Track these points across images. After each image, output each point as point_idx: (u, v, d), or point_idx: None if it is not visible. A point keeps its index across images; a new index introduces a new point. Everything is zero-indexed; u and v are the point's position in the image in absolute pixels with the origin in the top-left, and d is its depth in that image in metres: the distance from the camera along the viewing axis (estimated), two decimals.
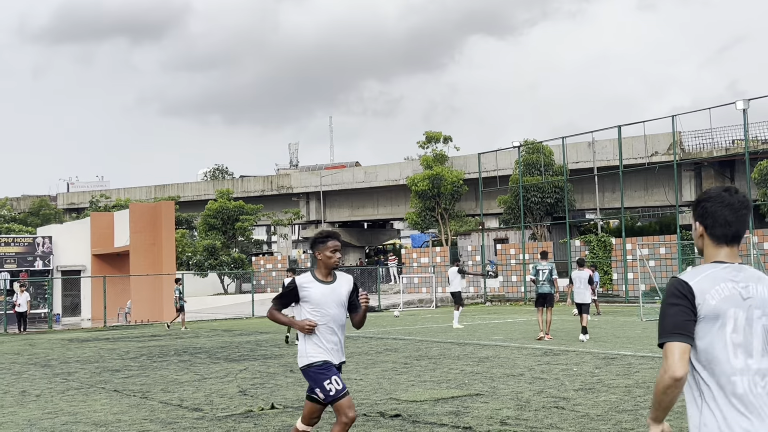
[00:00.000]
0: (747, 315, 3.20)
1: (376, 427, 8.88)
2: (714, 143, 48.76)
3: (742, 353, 3.17)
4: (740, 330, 3.18)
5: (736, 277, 3.26)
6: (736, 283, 3.24)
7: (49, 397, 12.33)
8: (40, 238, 39.99)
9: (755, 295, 3.24)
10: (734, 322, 3.18)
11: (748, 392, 3.13)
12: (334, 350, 6.53)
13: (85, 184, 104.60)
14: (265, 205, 69.46)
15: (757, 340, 3.20)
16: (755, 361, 3.18)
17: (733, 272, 3.27)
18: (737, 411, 3.10)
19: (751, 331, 3.20)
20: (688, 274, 3.26)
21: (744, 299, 3.22)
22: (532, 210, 49.65)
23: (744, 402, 3.12)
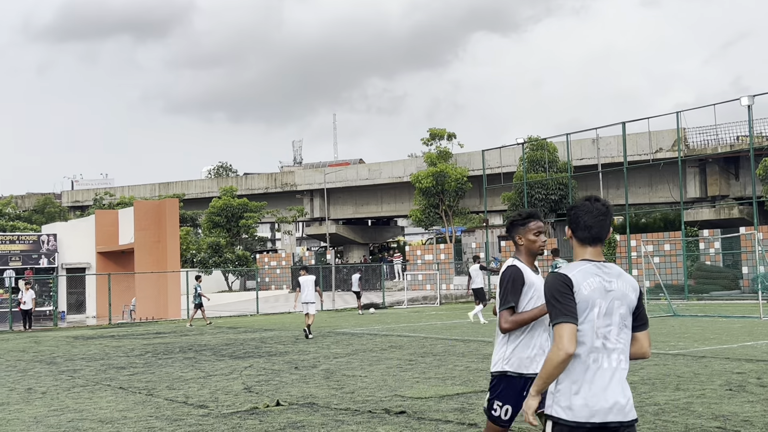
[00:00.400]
0: (608, 305, 3.94)
1: (381, 423, 8.88)
2: (719, 139, 48.64)
3: (603, 334, 3.92)
4: (602, 317, 3.92)
5: (602, 273, 3.96)
6: (602, 278, 3.94)
7: (55, 394, 12.35)
8: (44, 236, 40.04)
9: (616, 289, 3.96)
10: (599, 310, 3.91)
11: (603, 365, 3.90)
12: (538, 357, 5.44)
13: (89, 182, 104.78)
14: (269, 202, 69.50)
15: (615, 325, 3.94)
16: (611, 342, 3.93)
17: (600, 269, 3.98)
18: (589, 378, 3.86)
19: (611, 319, 3.93)
20: (565, 269, 3.94)
21: (607, 291, 3.94)
22: (536, 207, 49.62)
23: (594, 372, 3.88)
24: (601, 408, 3.87)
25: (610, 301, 3.94)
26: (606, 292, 3.94)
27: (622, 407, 3.92)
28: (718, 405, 9.33)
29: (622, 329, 3.99)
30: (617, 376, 3.95)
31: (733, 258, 38.29)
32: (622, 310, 3.97)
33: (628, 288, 4.02)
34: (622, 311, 3.97)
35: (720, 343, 16.41)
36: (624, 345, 4.01)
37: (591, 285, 3.92)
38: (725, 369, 12.34)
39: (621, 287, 3.99)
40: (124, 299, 37.14)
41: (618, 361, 3.96)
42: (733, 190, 50.77)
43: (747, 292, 35.46)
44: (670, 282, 36.73)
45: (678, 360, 13.70)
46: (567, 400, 3.88)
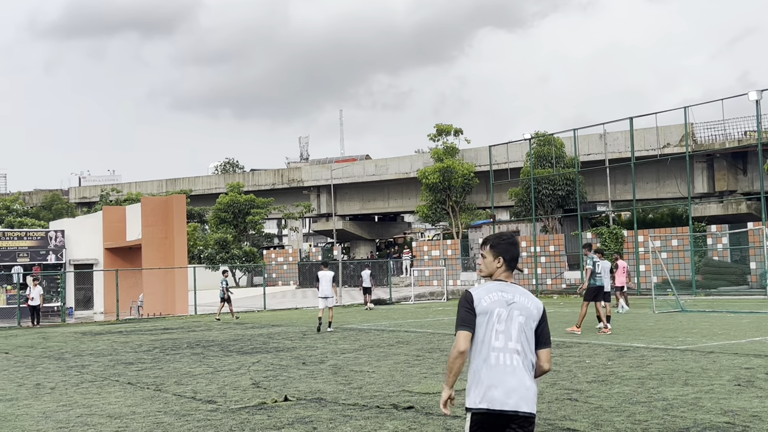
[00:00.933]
0: (509, 313, 4.75)
1: (389, 419, 8.89)
2: (726, 135, 48.51)
3: (503, 337, 4.71)
4: (502, 321, 4.74)
5: (504, 289, 4.84)
6: (503, 293, 4.82)
7: (64, 389, 12.39)
8: (52, 232, 40.15)
9: (517, 302, 4.81)
10: (498, 316, 4.75)
11: (501, 363, 4.66)
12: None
13: (96, 178, 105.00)
14: (276, 198, 69.58)
15: (515, 330, 4.72)
16: (512, 343, 4.71)
17: (502, 286, 4.87)
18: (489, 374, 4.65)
19: (511, 324, 4.74)
20: (473, 288, 4.88)
21: (508, 303, 4.78)
22: (543, 202, 49.55)
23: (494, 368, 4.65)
24: (498, 398, 4.61)
25: (510, 310, 4.78)
26: (507, 304, 4.79)
27: (517, 400, 4.61)
28: (727, 400, 9.31)
29: (521, 334, 4.75)
30: (517, 372, 4.66)
31: (740, 253, 38.18)
32: (521, 319, 4.77)
33: (530, 304, 4.84)
34: (521, 320, 4.77)
35: (728, 338, 16.37)
36: (523, 347, 4.74)
37: (491, 298, 4.80)
38: (734, 364, 12.31)
39: (522, 301, 4.84)
40: (132, 295, 37.23)
41: (517, 361, 4.68)
42: (740, 186, 50.63)
43: (755, 288, 35.37)
44: (678, 277, 36.64)
45: (686, 355, 13.67)
46: (474, 391, 4.71)
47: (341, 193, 71.65)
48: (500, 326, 4.74)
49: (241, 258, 57.90)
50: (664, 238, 38.88)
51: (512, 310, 4.78)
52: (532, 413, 4.68)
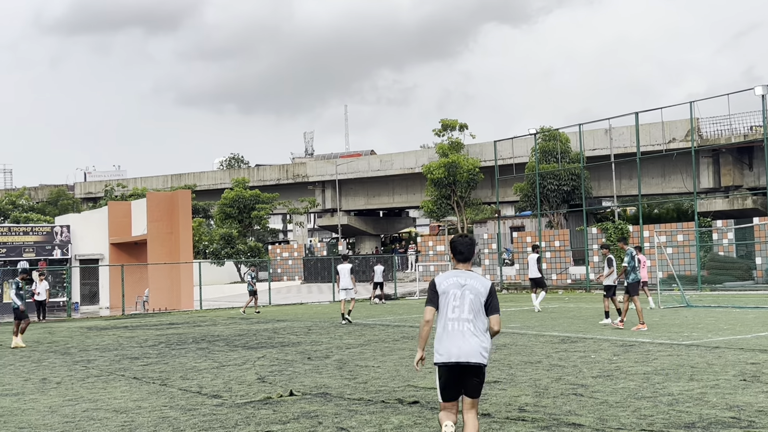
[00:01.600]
0: (461, 293, 6.33)
1: (394, 413, 8.90)
2: (732, 129, 48.36)
3: (458, 310, 6.29)
4: (457, 299, 6.33)
5: (460, 276, 6.42)
6: (458, 278, 6.40)
7: (70, 384, 12.43)
8: (58, 227, 40.23)
9: (468, 284, 6.36)
10: (453, 296, 6.35)
11: (456, 329, 6.26)
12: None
13: (102, 174, 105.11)
14: (281, 193, 69.59)
15: (466, 305, 6.29)
16: (465, 314, 6.28)
17: (458, 274, 6.45)
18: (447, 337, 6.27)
19: (463, 301, 6.31)
20: (437, 276, 6.52)
21: (461, 285, 6.35)
22: (548, 198, 49.48)
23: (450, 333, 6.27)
24: (454, 353, 6.22)
25: (462, 290, 6.37)
26: (461, 286, 6.37)
27: (467, 354, 6.20)
28: (732, 395, 9.30)
29: (472, 307, 6.31)
30: (466, 335, 6.26)
31: (746, 248, 38.10)
32: (471, 297, 6.34)
33: (479, 285, 6.39)
34: (471, 297, 6.34)
35: (734, 333, 16.35)
36: (474, 317, 6.31)
37: (448, 282, 6.42)
38: (739, 359, 12.30)
39: (472, 284, 6.39)
40: (137, 290, 37.31)
41: (467, 327, 6.28)
42: (746, 181, 50.51)
43: (760, 283, 35.31)
44: (683, 272, 36.59)
45: (692, 350, 13.66)
46: (438, 351, 6.32)
47: (346, 189, 71.66)
48: (455, 302, 6.35)
49: (246, 253, 57.94)
50: (670, 234, 38.81)
51: (465, 290, 6.37)
52: (480, 363, 6.26)
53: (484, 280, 6.45)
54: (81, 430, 8.73)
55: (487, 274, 46.92)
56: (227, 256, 57.41)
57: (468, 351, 6.19)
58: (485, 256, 48.19)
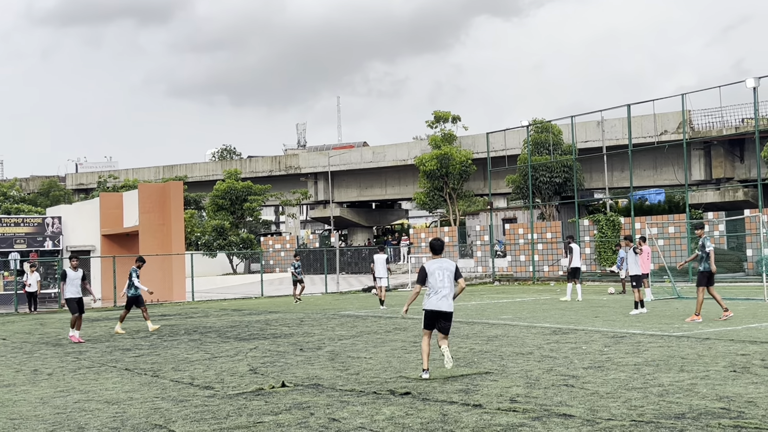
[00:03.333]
0: (441, 272, 10.61)
1: (386, 404, 8.92)
2: (724, 122, 48.49)
3: (440, 283, 10.58)
4: (438, 276, 10.60)
5: (439, 262, 10.72)
6: (439, 264, 10.68)
7: (61, 375, 12.42)
8: (49, 219, 40.09)
9: (444, 266, 10.68)
10: (437, 274, 10.61)
11: (437, 294, 10.59)
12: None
13: (93, 165, 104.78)
14: (274, 185, 69.51)
15: (446, 279, 10.60)
16: (444, 286, 10.59)
17: (439, 260, 10.76)
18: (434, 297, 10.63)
19: (443, 276, 10.59)
20: (425, 263, 10.77)
21: (441, 268, 10.64)
22: (540, 189, 49.54)
23: (435, 295, 10.61)
24: (434, 305, 10.58)
25: (442, 270, 10.62)
26: (441, 268, 10.63)
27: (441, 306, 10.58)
28: (722, 386, 9.35)
29: (447, 280, 10.62)
30: (442, 298, 10.58)
31: (737, 240, 38.24)
32: (447, 273, 10.64)
33: (449, 265, 10.72)
34: (447, 274, 10.64)
35: (724, 325, 16.42)
36: (449, 285, 10.62)
37: (433, 267, 10.64)
38: (729, 351, 12.36)
39: (446, 265, 10.70)
40: None
41: (444, 293, 10.59)
42: (737, 173, 50.68)
43: (751, 275, 35.45)
44: (675, 264, 36.71)
45: (682, 342, 13.72)
46: (426, 304, 10.63)
47: (339, 180, 71.60)
48: (439, 278, 10.60)
49: (239, 245, 57.89)
50: (661, 225, 38.92)
51: (444, 270, 10.66)
52: (449, 311, 10.67)
53: (451, 262, 10.93)
54: (72, 421, 8.72)
55: (479, 266, 47.00)
56: (219, 248, 57.34)
57: (443, 305, 10.64)
58: (477, 248, 48.26)
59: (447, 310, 10.54)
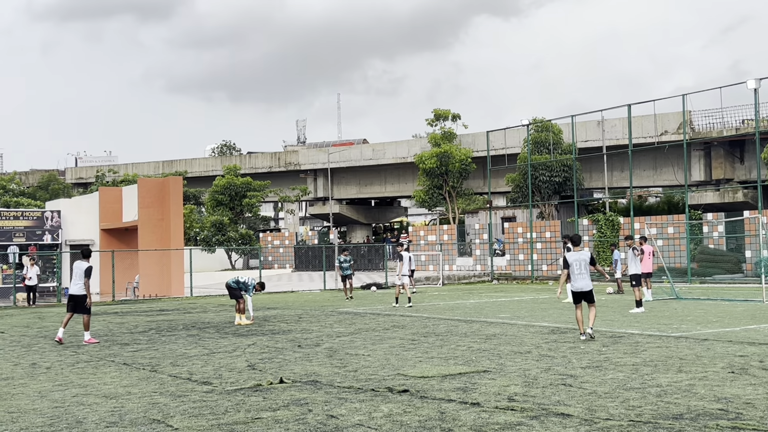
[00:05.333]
0: (578, 262, 14.74)
1: (384, 402, 8.92)
2: (724, 123, 48.50)
3: (578, 269, 14.72)
4: (576, 266, 14.75)
5: (579, 254, 14.88)
6: (578, 255, 14.85)
7: (59, 369, 12.42)
8: (48, 212, 40.08)
9: (581, 257, 14.83)
10: (575, 265, 14.76)
11: (580, 277, 14.72)
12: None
13: (93, 159, 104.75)
14: (273, 181, 69.51)
15: (582, 267, 14.73)
16: (582, 270, 14.72)
17: (578, 253, 14.92)
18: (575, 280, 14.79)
19: (580, 265, 14.72)
20: (567, 254, 15.15)
21: (579, 259, 14.79)
22: (540, 188, 49.56)
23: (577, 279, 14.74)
24: (578, 287, 14.77)
25: (579, 262, 14.77)
26: (579, 260, 14.78)
27: (584, 287, 14.71)
28: (721, 387, 9.35)
29: (585, 268, 14.74)
30: (582, 280, 14.70)
31: (736, 242, 38.25)
32: (583, 263, 14.76)
33: (585, 256, 14.86)
34: (584, 263, 14.76)
35: (722, 326, 16.43)
36: (586, 272, 14.73)
37: (572, 258, 14.84)
38: (728, 352, 12.37)
39: (584, 257, 14.83)
40: (128, 276, 37.21)
41: (582, 277, 14.70)
42: (737, 174, 50.68)
43: (750, 276, 35.46)
44: (673, 265, 36.73)
45: (680, 342, 13.73)
46: (573, 286, 14.90)
47: (338, 177, 71.58)
48: (576, 267, 14.65)
49: (237, 241, 57.88)
50: (661, 226, 38.93)
51: (581, 261, 14.68)
52: (590, 288, 14.72)
53: (587, 253, 14.99)
54: (70, 415, 8.72)
55: (477, 264, 47.01)
56: (218, 244, 57.34)
57: (584, 285, 14.65)
58: (476, 247, 48.26)
59: (587, 289, 14.61)
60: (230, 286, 19.98)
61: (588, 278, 14.66)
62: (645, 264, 23.90)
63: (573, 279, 14.67)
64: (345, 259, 29.94)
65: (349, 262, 29.97)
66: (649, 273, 24.18)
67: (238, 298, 19.78)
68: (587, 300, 14.62)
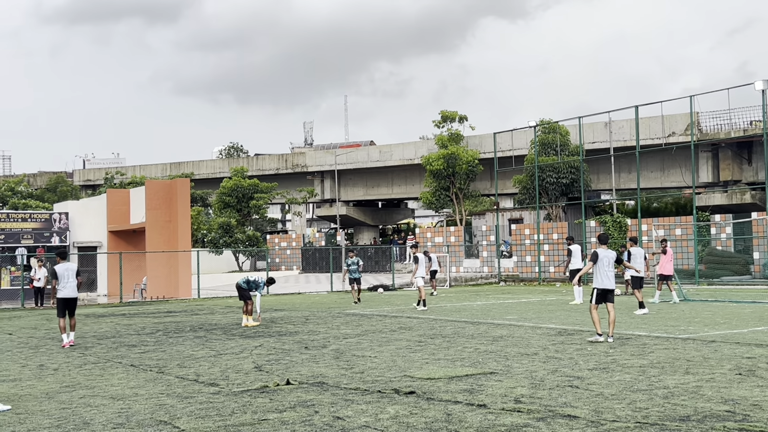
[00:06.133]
0: (607, 259, 14.64)
1: (391, 403, 8.92)
2: (732, 124, 48.37)
3: (606, 266, 14.59)
4: (605, 262, 14.62)
5: (606, 252, 14.73)
6: (606, 253, 14.71)
7: (67, 371, 12.45)
8: (56, 214, 40.20)
9: (608, 255, 14.71)
10: (604, 260, 14.60)
11: (605, 276, 14.57)
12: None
13: (101, 161, 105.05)
14: (280, 183, 69.58)
15: (610, 265, 14.71)
16: (608, 269, 14.64)
17: (605, 250, 14.76)
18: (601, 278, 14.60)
19: (608, 262, 14.70)
20: (598, 250, 14.76)
21: (607, 256, 14.66)
22: (547, 190, 49.50)
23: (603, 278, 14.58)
24: (602, 284, 14.55)
25: (608, 259, 14.66)
26: (607, 257, 14.66)
27: (608, 285, 14.55)
28: (728, 389, 9.33)
29: (610, 265, 14.66)
30: (608, 277, 14.57)
31: (744, 243, 38.14)
32: (610, 259, 14.69)
33: (611, 255, 14.73)
34: (610, 259, 14.68)
35: (730, 327, 16.39)
36: (609, 269, 14.57)
37: (602, 254, 14.70)
38: (735, 353, 12.33)
39: (610, 255, 14.74)
40: (135, 278, 37.30)
41: (608, 274, 14.59)
42: (745, 175, 50.54)
43: (758, 278, 35.36)
44: (681, 267, 36.62)
45: (688, 344, 13.69)
46: (596, 283, 14.63)
47: (345, 179, 71.62)
48: (605, 263, 14.55)
49: (245, 242, 57.95)
50: (668, 227, 38.84)
51: (609, 258, 14.63)
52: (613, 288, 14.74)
53: (612, 252, 14.82)
54: (78, 416, 8.75)
55: (485, 266, 46.97)
56: (225, 245, 57.42)
57: (609, 284, 14.53)
58: (483, 248, 48.22)
59: (612, 287, 14.54)
60: (240, 287, 20.03)
61: (613, 277, 14.69)
62: (666, 266, 23.92)
63: (600, 277, 14.46)
64: (352, 262, 28.54)
65: (357, 265, 28.51)
66: (669, 275, 24.35)
67: (247, 300, 19.82)
68: (608, 299, 14.46)
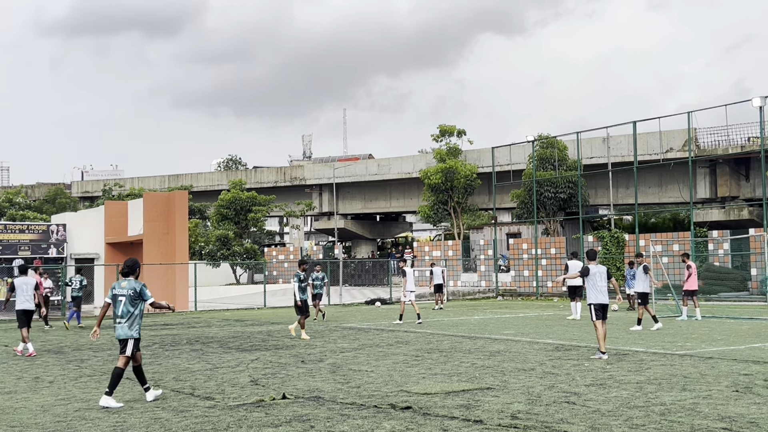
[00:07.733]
0: (599, 274, 14.62)
1: (387, 418, 8.90)
2: (729, 140, 48.42)
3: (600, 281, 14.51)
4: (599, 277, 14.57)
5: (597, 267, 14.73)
6: (597, 268, 14.67)
7: (62, 383, 12.41)
8: (54, 226, 40.13)
9: (600, 270, 14.63)
10: (597, 276, 14.62)
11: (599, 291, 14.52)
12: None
13: (99, 173, 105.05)
14: (278, 196, 69.55)
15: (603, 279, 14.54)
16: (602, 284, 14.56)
17: (596, 266, 14.76)
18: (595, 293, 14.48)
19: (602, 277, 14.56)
20: (588, 264, 14.73)
21: (599, 271, 14.59)
22: (545, 205, 49.52)
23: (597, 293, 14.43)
24: (602, 300, 14.35)
25: (600, 274, 14.51)
26: (599, 272, 14.48)
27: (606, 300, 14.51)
28: (725, 406, 9.31)
29: (603, 279, 14.42)
30: (603, 294, 14.41)
31: (741, 259, 38.14)
32: (601, 274, 14.47)
33: (603, 270, 14.62)
34: (602, 276, 14.46)
35: (727, 344, 16.37)
36: (603, 283, 14.46)
37: (594, 270, 14.57)
38: (732, 370, 12.32)
39: (601, 270, 14.60)
40: None
41: (603, 290, 14.42)
42: (743, 191, 50.58)
43: (755, 294, 35.34)
44: (679, 282, 36.57)
45: (685, 360, 13.67)
46: (591, 299, 14.37)
47: (343, 192, 71.64)
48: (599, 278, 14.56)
49: (242, 255, 57.89)
50: (666, 243, 38.85)
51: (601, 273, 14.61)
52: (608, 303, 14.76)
53: (603, 267, 14.61)
54: (73, 429, 8.71)
55: (482, 280, 46.94)
56: (223, 258, 57.35)
57: (603, 298, 14.32)
58: (481, 262, 48.19)
59: (606, 302, 14.47)
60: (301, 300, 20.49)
61: (607, 292, 14.54)
62: (691, 281, 23.74)
63: (594, 292, 14.34)
64: (317, 276, 26.41)
65: (322, 281, 26.57)
66: (694, 290, 24.17)
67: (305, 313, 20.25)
68: (605, 316, 14.37)
